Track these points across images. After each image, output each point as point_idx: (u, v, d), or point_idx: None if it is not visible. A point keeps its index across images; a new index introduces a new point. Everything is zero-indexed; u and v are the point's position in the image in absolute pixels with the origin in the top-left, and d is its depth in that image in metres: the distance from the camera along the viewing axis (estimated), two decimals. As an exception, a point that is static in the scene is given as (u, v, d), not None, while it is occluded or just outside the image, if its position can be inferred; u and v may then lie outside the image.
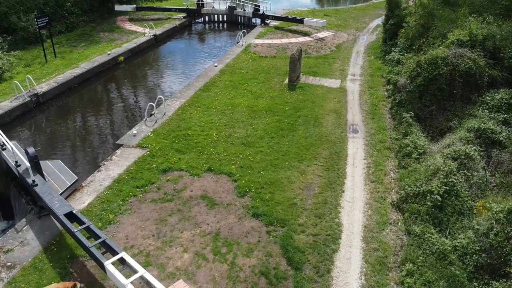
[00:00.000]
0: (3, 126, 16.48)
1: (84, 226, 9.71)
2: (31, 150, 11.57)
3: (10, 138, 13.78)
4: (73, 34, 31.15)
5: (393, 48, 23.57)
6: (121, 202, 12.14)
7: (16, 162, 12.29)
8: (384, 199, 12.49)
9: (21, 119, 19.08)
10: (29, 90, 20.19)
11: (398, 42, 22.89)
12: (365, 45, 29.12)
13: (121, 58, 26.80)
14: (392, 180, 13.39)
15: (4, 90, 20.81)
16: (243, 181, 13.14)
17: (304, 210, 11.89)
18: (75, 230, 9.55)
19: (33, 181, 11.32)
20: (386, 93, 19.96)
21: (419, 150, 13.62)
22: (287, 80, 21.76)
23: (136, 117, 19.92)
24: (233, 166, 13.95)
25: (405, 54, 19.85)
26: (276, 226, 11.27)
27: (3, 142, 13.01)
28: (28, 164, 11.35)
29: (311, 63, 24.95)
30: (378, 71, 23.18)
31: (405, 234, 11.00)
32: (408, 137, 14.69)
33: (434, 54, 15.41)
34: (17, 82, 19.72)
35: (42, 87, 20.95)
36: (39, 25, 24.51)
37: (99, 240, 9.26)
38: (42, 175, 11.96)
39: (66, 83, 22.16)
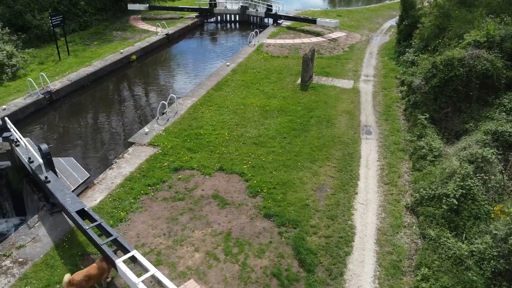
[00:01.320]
0: (17, 123, 16.59)
1: (95, 223, 9.68)
2: (44, 146, 11.60)
3: (24, 135, 13.83)
4: (87, 32, 31.41)
5: (407, 49, 23.26)
6: (132, 200, 12.13)
7: (29, 158, 12.35)
8: (398, 202, 12.28)
9: (35, 116, 19.25)
10: (43, 88, 20.36)
11: (413, 43, 22.57)
12: (378, 46, 28.81)
13: (134, 57, 26.92)
14: (407, 183, 13.17)
15: (18, 87, 21.04)
16: (255, 181, 13.02)
17: (317, 212, 11.74)
18: (87, 227, 9.52)
19: (46, 177, 11.35)
20: (400, 94, 19.69)
21: (434, 153, 13.37)
22: (299, 80, 21.61)
23: (148, 116, 19.95)
24: (244, 166, 13.85)
25: (420, 55, 19.56)
26: (288, 227, 11.14)
27: (16, 139, 13.08)
28: (41, 161, 11.39)
29: (324, 63, 24.75)
30: (392, 72, 22.90)
31: (420, 238, 10.79)
32: (423, 139, 14.44)
33: (450, 55, 15.15)
34: (31, 80, 19.92)
35: (55, 85, 21.11)
36: (53, 24, 24.77)
37: (111, 238, 9.22)
38: (55, 172, 12.00)
39: (79, 81, 22.32)
